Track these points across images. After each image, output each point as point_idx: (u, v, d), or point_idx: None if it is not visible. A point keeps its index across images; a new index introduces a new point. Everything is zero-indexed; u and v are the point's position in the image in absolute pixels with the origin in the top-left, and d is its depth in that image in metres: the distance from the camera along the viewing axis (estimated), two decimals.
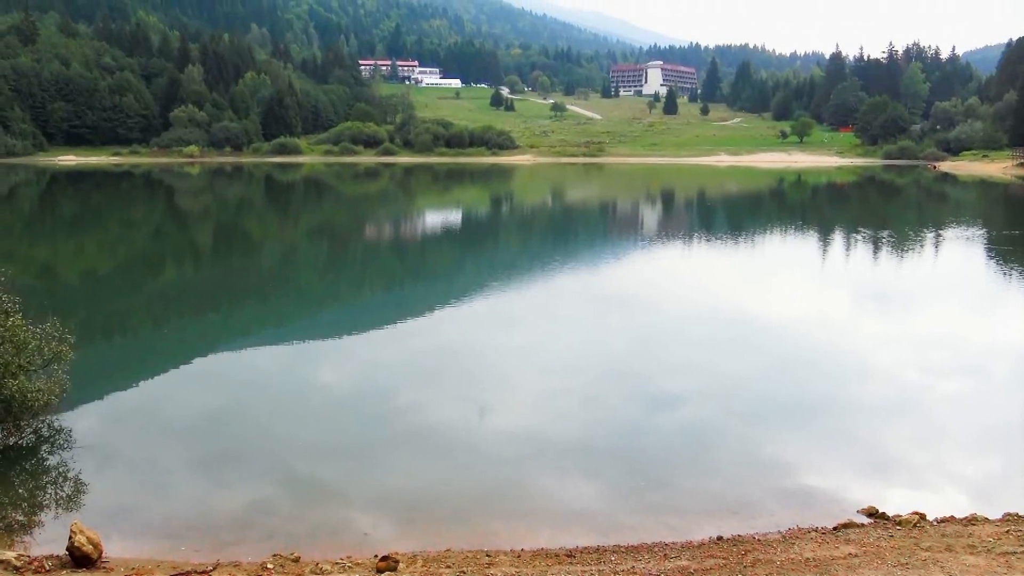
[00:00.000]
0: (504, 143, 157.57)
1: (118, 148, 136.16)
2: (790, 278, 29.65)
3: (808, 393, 15.62)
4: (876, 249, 36.70)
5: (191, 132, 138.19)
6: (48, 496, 10.92)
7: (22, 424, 12.29)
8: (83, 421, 13.43)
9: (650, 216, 56.42)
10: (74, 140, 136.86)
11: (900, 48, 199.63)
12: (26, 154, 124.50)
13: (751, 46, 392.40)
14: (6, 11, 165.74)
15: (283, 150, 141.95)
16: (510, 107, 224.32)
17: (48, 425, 12.78)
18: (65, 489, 11.02)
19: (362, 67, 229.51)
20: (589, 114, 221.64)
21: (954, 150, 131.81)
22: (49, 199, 66.21)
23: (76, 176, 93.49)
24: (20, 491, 11.02)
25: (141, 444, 12.77)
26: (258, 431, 13.34)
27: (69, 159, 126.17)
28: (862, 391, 15.51)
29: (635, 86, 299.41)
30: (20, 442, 12.24)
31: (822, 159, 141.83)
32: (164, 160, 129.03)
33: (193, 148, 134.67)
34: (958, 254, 35.25)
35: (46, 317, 12.88)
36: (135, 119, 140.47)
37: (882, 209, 61.01)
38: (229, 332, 21.64)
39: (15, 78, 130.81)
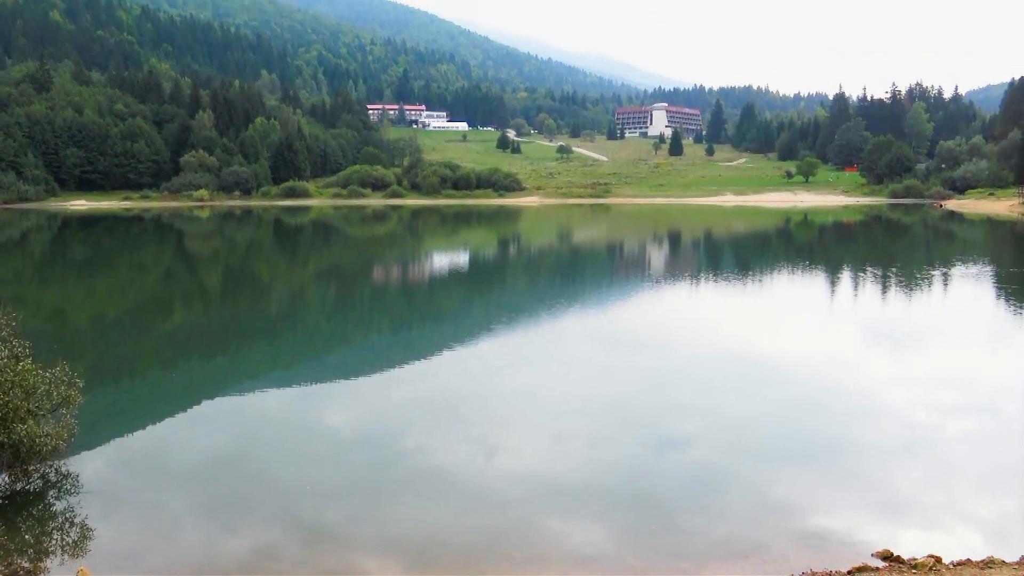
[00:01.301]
0: (511, 185, 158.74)
1: (129, 193, 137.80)
2: (798, 318, 29.57)
3: (819, 433, 15.49)
4: (884, 288, 36.63)
5: (201, 176, 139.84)
6: (55, 542, 10.86)
7: (30, 469, 12.30)
8: (91, 465, 13.41)
9: (657, 256, 56.53)
10: (86, 185, 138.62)
11: (903, 88, 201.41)
12: (38, 199, 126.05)
13: (755, 87, 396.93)
14: (22, 60, 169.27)
15: (292, 193, 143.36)
16: (517, 149, 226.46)
17: (56, 470, 12.77)
18: (72, 535, 10.97)
19: (370, 111, 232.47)
20: (595, 156, 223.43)
21: (960, 188, 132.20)
22: (60, 243, 66.79)
23: (87, 221, 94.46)
24: (27, 537, 10.97)
25: (148, 489, 12.72)
26: (266, 475, 13.29)
27: (80, 204, 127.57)
28: (873, 431, 15.38)
29: (640, 128, 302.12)
30: (27, 487, 12.22)
31: (828, 198, 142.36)
32: (174, 204, 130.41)
33: (203, 192, 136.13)
34: (967, 292, 35.14)
35: (56, 361, 12.94)
36: (146, 164, 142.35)
37: (890, 247, 61.01)
38: (237, 375, 21.65)
39: (29, 125, 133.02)
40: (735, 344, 24.07)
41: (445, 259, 55.98)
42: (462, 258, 56.86)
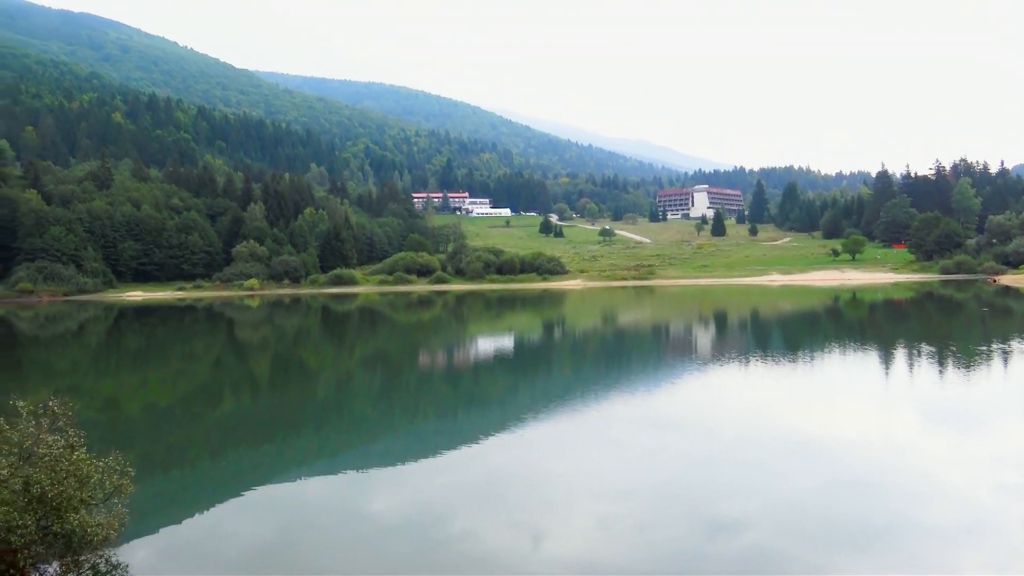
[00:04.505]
0: (554, 268, 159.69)
1: (183, 283, 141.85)
2: (851, 397, 28.89)
3: (874, 515, 14.97)
4: (941, 366, 35.71)
5: (252, 266, 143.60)
6: None
7: (81, 559, 12.37)
8: (140, 554, 13.51)
9: (703, 337, 55.99)
10: (142, 277, 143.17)
11: (947, 164, 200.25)
12: (96, 291, 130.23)
13: (795, 167, 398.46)
14: (85, 159, 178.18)
15: (339, 281, 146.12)
16: (559, 233, 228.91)
17: (106, 560, 12.84)
18: None
19: (415, 199, 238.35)
20: (638, 238, 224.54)
21: (1013, 263, 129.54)
22: (115, 334, 68.60)
23: (142, 311, 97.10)
24: None
25: None
26: (313, 563, 13.24)
27: (136, 295, 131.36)
28: (932, 513, 14.84)
29: (682, 209, 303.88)
30: None
31: (877, 276, 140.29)
32: (225, 293, 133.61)
33: (253, 281, 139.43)
34: None
35: (109, 451, 13.19)
36: (199, 255, 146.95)
37: (944, 325, 59.66)
38: (284, 462, 21.77)
39: (90, 220, 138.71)
40: (785, 424, 23.58)
41: (490, 344, 56.13)
42: (507, 343, 56.96)
